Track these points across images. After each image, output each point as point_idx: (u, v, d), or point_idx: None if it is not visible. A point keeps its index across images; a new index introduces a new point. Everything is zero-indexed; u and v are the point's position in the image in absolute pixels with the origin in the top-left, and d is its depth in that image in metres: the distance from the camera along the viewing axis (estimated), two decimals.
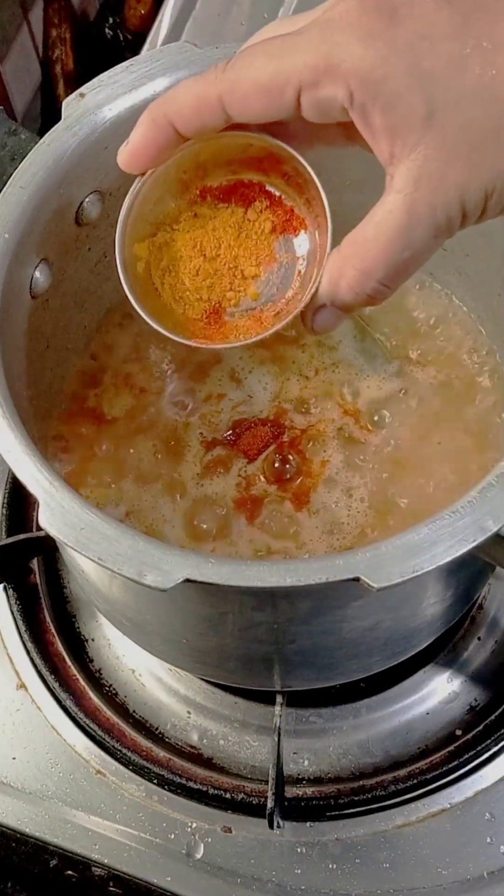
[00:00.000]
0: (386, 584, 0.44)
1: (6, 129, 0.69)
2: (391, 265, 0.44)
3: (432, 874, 0.64)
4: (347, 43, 0.40)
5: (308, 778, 0.68)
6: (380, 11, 0.41)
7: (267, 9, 0.89)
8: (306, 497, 0.63)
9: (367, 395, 0.66)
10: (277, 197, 0.51)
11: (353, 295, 0.45)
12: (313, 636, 0.55)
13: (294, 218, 0.51)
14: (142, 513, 0.62)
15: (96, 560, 0.45)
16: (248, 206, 0.51)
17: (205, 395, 0.66)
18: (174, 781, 0.67)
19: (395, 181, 0.42)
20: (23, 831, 0.67)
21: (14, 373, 0.53)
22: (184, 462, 0.64)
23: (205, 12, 0.92)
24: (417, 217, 0.42)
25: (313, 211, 0.50)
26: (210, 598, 0.51)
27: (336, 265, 0.46)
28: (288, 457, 0.63)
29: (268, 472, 0.64)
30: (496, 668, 0.71)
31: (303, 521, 0.62)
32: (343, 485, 0.62)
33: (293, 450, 0.64)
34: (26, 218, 0.54)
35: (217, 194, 0.52)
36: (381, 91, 0.40)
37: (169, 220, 0.52)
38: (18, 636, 0.73)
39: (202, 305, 0.52)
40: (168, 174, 0.50)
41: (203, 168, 0.51)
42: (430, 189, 0.41)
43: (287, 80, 0.42)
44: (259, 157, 0.50)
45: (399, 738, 0.69)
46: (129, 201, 0.50)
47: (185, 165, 0.50)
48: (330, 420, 0.65)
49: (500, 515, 0.45)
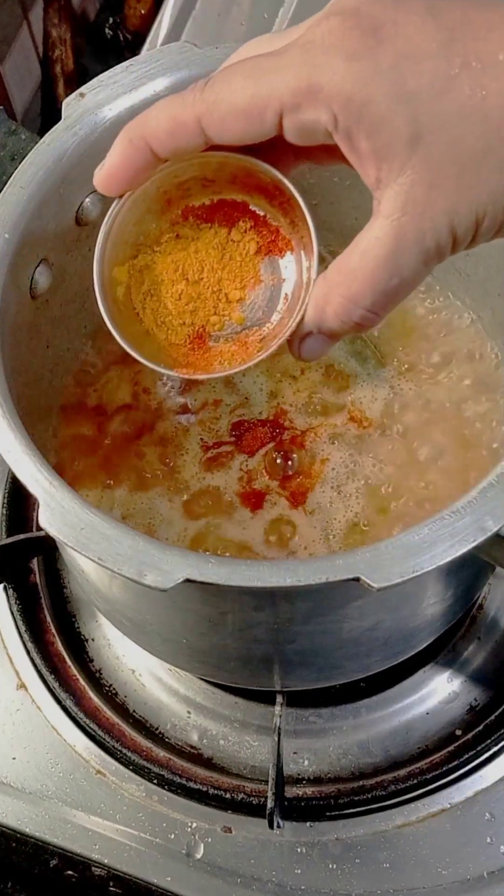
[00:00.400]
0: (386, 584, 0.44)
1: (6, 129, 0.69)
2: (379, 293, 0.42)
3: (432, 874, 0.64)
4: (330, 64, 0.39)
5: (308, 778, 0.68)
6: (362, 31, 0.39)
7: (267, 9, 0.89)
8: (303, 497, 0.63)
9: (365, 396, 0.66)
10: (262, 217, 0.50)
11: (339, 323, 0.44)
12: (313, 636, 0.55)
13: (280, 238, 0.50)
14: (139, 514, 0.63)
15: (96, 560, 0.45)
16: (231, 227, 0.50)
17: (201, 403, 0.66)
18: (174, 781, 0.67)
19: (381, 206, 0.41)
20: (23, 831, 0.67)
21: (14, 373, 0.53)
22: (184, 463, 0.64)
23: (205, 12, 0.92)
24: (405, 243, 0.41)
25: (298, 232, 0.49)
26: (210, 597, 0.51)
27: (322, 292, 0.44)
28: (289, 453, 0.63)
29: (269, 468, 0.63)
30: (496, 668, 0.71)
31: (299, 520, 0.62)
32: (340, 484, 0.62)
33: (294, 445, 0.64)
34: (26, 218, 0.54)
35: (199, 214, 0.50)
36: (366, 114, 0.39)
37: (150, 242, 0.50)
38: (18, 636, 0.73)
39: (185, 330, 0.50)
40: (148, 194, 0.49)
41: (184, 187, 0.49)
42: (418, 214, 0.40)
43: (267, 104, 0.41)
44: (241, 176, 0.49)
45: (399, 738, 0.69)
46: (106, 224, 0.48)
47: (166, 185, 0.49)
48: (330, 424, 0.65)
49: (500, 515, 0.45)
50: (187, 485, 0.63)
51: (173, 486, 0.63)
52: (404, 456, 0.64)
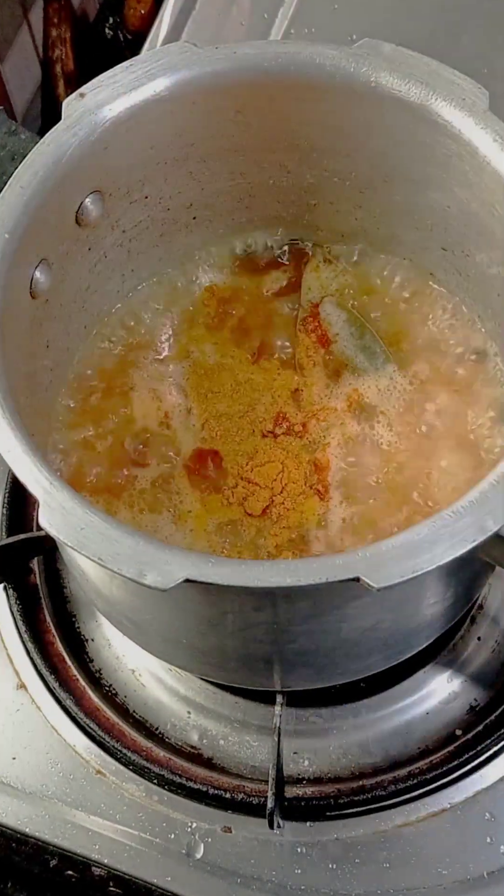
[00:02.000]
0: (386, 584, 0.44)
1: (6, 129, 0.70)
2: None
3: (432, 874, 0.64)
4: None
5: (308, 778, 0.68)
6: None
7: (267, 9, 0.89)
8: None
9: (366, 392, 0.66)
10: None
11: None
12: (313, 636, 0.55)
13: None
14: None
15: (96, 560, 0.45)
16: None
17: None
18: (174, 781, 0.67)
19: None
20: (23, 831, 0.67)
21: (14, 373, 0.53)
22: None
23: (205, 12, 0.92)
24: None
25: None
26: (210, 598, 0.51)
27: None
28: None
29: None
30: (496, 668, 0.71)
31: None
32: (340, 479, 0.63)
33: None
34: (26, 218, 0.54)
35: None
36: None
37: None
38: (18, 636, 0.73)
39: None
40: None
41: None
42: None
43: None
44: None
45: (399, 738, 0.69)
46: None
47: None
48: (331, 409, 0.65)
49: (500, 515, 0.45)
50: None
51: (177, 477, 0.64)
52: (404, 453, 0.64)
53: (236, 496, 0.63)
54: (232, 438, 0.65)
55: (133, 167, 0.62)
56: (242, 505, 0.63)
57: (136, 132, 0.60)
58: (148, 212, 0.65)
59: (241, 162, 0.65)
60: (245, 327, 0.69)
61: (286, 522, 0.62)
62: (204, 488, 0.64)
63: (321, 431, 0.65)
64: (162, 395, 0.67)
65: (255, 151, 0.64)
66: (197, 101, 0.60)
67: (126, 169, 0.61)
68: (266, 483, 0.63)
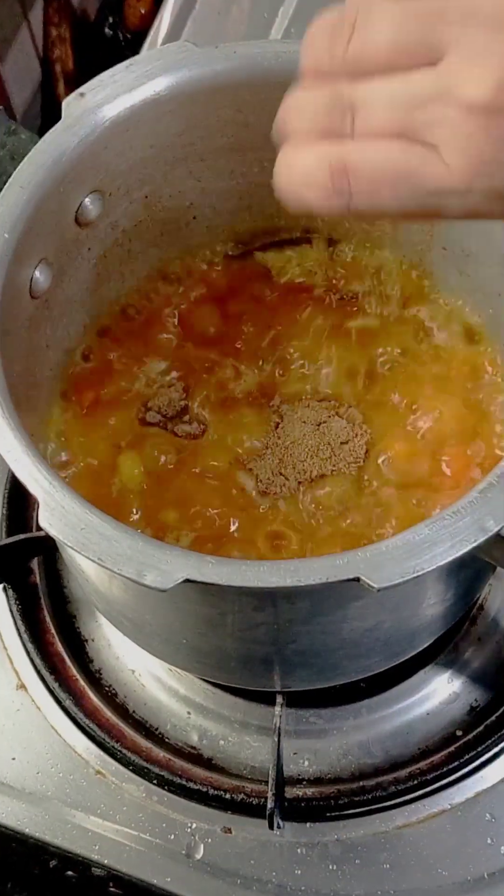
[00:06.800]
0: (386, 584, 0.44)
1: (6, 128, 0.70)
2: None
3: (433, 875, 0.64)
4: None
5: (308, 778, 0.68)
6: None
7: (267, 9, 0.89)
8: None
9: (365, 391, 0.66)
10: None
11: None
12: (313, 636, 0.55)
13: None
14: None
15: (96, 560, 0.45)
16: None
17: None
18: (174, 782, 0.67)
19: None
20: (23, 831, 0.67)
21: (14, 373, 0.53)
22: (189, 460, 0.64)
23: (205, 12, 0.92)
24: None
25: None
26: (210, 598, 0.51)
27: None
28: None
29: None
30: (497, 669, 0.71)
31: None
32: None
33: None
34: (26, 218, 0.54)
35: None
36: None
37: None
38: (18, 636, 0.73)
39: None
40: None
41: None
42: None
43: None
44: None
45: (399, 738, 0.69)
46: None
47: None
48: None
49: (500, 515, 0.45)
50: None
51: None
52: (404, 452, 0.64)
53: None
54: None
55: (133, 167, 0.62)
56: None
57: (136, 132, 0.60)
58: (148, 211, 0.65)
59: (241, 161, 0.65)
60: (245, 327, 0.69)
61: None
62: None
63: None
64: (164, 395, 0.67)
65: (255, 151, 0.64)
66: (197, 100, 0.60)
67: (126, 169, 0.61)
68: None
